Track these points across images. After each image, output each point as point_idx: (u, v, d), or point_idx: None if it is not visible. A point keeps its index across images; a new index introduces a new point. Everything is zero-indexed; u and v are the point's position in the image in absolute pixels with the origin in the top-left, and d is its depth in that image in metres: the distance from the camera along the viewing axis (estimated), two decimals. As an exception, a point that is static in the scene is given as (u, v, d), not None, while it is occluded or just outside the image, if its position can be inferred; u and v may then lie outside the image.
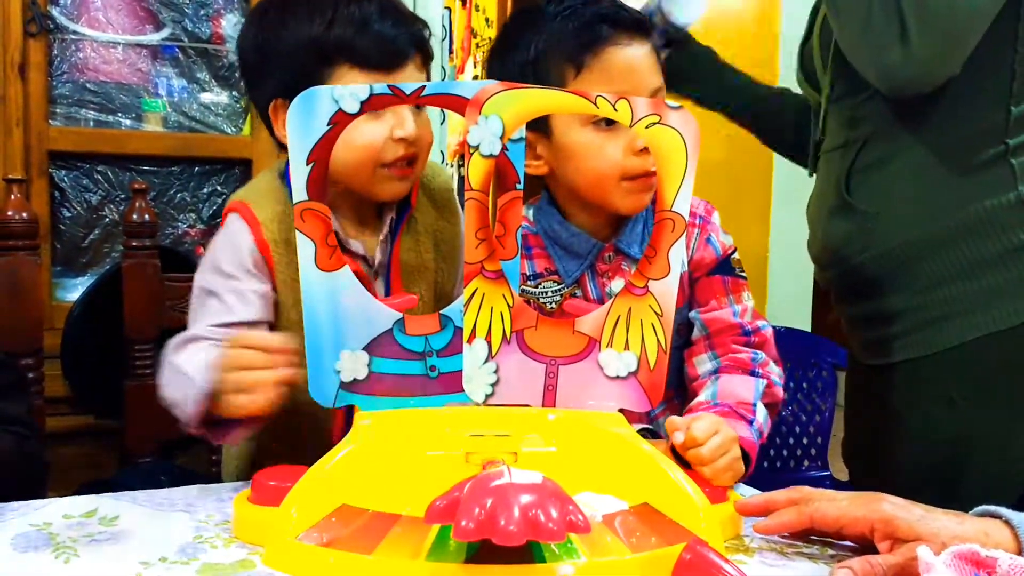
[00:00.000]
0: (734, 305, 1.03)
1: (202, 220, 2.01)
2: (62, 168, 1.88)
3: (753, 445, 0.92)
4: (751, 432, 0.93)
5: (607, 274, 1.04)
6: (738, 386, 0.98)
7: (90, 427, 1.71)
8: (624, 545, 0.69)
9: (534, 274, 1.04)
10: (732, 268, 1.05)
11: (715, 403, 0.96)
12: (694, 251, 1.05)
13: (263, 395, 0.80)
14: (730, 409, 0.95)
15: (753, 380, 1.00)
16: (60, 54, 1.85)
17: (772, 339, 1.04)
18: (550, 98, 0.80)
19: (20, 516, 0.79)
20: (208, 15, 1.97)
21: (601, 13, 1.00)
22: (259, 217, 0.99)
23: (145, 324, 1.26)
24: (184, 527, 0.78)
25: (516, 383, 0.83)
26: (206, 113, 1.98)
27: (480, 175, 0.79)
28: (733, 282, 1.04)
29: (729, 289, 1.04)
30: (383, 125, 0.97)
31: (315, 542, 0.69)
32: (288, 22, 0.98)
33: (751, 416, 0.95)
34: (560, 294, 1.03)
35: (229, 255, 0.99)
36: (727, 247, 1.05)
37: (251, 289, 0.98)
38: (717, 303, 1.04)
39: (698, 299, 1.05)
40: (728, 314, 1.03)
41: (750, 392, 0.98)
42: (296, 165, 0.79)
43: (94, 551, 0.72)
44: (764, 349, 1.03)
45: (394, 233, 1.04)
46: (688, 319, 1.06)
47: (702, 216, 1.06)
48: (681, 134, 0.78)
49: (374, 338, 0.82)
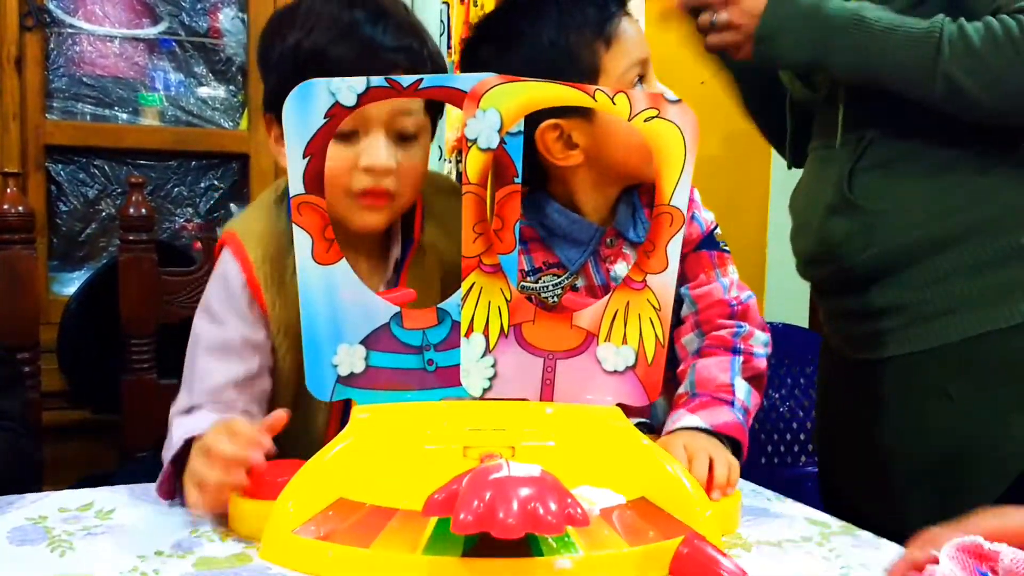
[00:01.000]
0: (721, 279, 1.04)
1: (199, 214, 2.00)
2: (59, 162, 1.87)
3: (739, 427, 0.92)
4: (733, 414, 0.93)
5: (610, 259, 1.04)
6: (713, 369, 0.98)
7: (87, 422, 1.70)
8: (621, 539, 0.70)
9: (533, 269, 1.03)
10: (716, 242, 1.06)
11: (693, 394, 0.96)
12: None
13: (210, 498, 0.76)
14: (709, 398, 0.95)
15: (730, 358, 0.99)
16: (57, 48, 1.84)
17: (755, 307, 1.05)
18: (548, 91, 0.79)
19: (16, 509, 0.79)
20: (205, 9, 1.97)
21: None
22: (251, 256, 0.95)
23: (142, 318, 1.25)
24: (180, 521, 0.78)
25: (514, 377, 0.83)
26: (203, 107, 1.97)
27: (478, 169, 0.79)
28: (719, 256, 1.05)
29: (716, 263, 1.05)
30: (351, 151, 0.92)
31: (312, 535, 0.68)
32: (282, 31, 0.94)
33: (730, 397, 0.95)
34: (561, 287, 1.03)
35: (221, 298, 0.96)
36: (709, 222, 1.06)
37: (241, 338, 0.94)
38: (706, 277, 1.04)
39: (686, 274, 1.05)
40: (718, 289, 1.03)
41: (726, 372, 0.98)
42: (293, 159, 0.78)
43: (90, 544, 0.72)
44: (747, 319, 1.03)
45: (399, 271, 1.00)
46: (679, 295, 1.05)
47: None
48: (680, 128, 0.78)
49: (371, 332, 0.82)
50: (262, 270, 0.95)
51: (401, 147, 0.94)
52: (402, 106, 0.92)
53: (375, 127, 0.92)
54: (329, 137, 0.79)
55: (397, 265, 1.01)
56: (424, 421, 0.80)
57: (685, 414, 0.93)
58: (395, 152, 0.93)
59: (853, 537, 0.81)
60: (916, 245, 1.10)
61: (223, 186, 2.01)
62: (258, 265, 0.95)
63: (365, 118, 0.90)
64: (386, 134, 0.92)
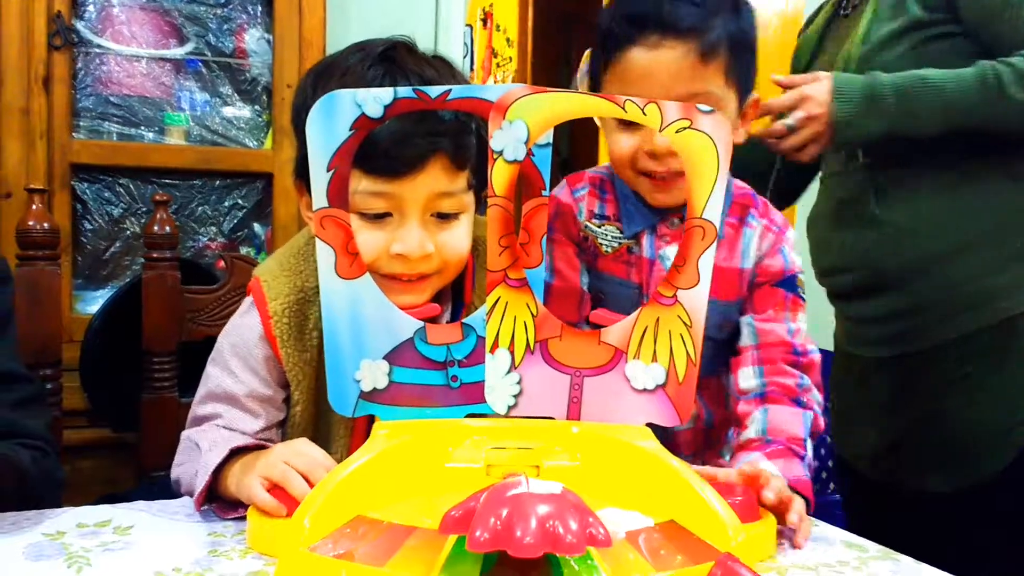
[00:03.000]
0: (789, 322, 1.02)
1: (223, 233, 2.01)
2: (84, 181, 1.88)
3: (808, 485, 0.89)
4: (803, 469, 0.90)
5: (666, 237, 1.03)
6: (787, 420, 0.95)
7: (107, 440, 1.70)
8: (648, 563, 0.67)
9: (602, 215, 1.05)
10: (796, 287, 1.04)
11: (767, 440, 0.94)
12: (764, 254, 1.04)
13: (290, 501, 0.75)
14: (784, 447, 0.92)
15: (801, 412, 0.96)
16: (84, 67, 1.86)
17: (819, 364, 1.02)
18: (576, 102, 0.78)
19: (34, 525, 0.78)
20: (231, 30, 1.98)
21: (630, 14, 0.96)
22: (270, 308, 0.93)
23: (164, 336, 1.25)
24: (199, 537, 0.76)
25: (539, 395, 0.81)
26: (228, 127, 1.98)
27: (504, 181, 0.77)
28: (794, 300, 1.03)
29: (789, 305, 1.03)
30: (382, 234, 0.88)
31: (328, 553, 0.67)
32: (317, 91, 0.87)
33: (803, 452, 0.92)
34: (619, 241, 1.03)
35: (237, 349, 0.94)
36: (796, 266, 1.05)
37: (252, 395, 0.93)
38: (774, 314, 1.02)
39: (755, 305, 1.03)
40: (783, 329, 1.01)
41: (800, 427, 0.94)
42: (316, 172, 0.77)
43: (107, 560, 0.70)
44: (810, 374, 1.00)
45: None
46: (736, 319, 1.04)
47: (779, 226, 1.06)
48: (712, 139, 0.76)
49: (395, 347, 0.80)
50: (280, 323, 0.93)
51: (441, 226, 0.90)
52: (440, 188, 0.88)
53: (410, 211, 0.88)
54: (354, 150, 0.78)
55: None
56: (447, 438, 0.78)
57: (762, 459, 0.90)
58: (433, 233, 0.89)
59: (893, 562, 0.78)
60: (943, 252, 1.21)
61: (247, 205, 2.01)
62: (277, 318, 0.94)
63: (400, 200, 0.87)
64: (422, 216, 0.88)
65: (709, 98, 0.94)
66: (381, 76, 0.88)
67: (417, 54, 0.92)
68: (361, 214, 0.88)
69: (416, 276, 0.89)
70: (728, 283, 1.03)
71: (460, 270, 0.95)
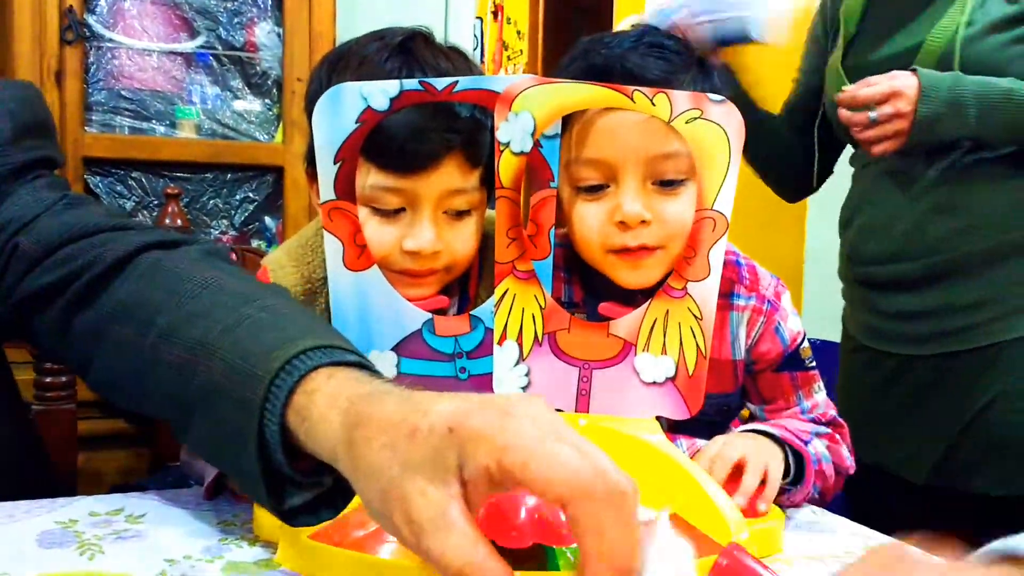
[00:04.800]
0: (803, 402, 0.95)
1: (234, 226, 2.01)
2: (97, 174, 1.89)
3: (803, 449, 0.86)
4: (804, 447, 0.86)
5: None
6: (793, 422, 0.91)
7: (121, 432, 1.71)
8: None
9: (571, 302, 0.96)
10: (801, 361, 0.95)
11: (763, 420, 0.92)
12: (756, 339, 0.94)
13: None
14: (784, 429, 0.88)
15: (812, 424, 0.92)
16: (96, 61, 1.87)
17: (847, 429, 0.96)
18: (583, 93, 0.78)
19: (46, 513, 0.78)
20: (242, 23, 1.99)
21: (592, 65, 0.87)
22: None
23: (175, 327, 1.25)
24: (210, 526, 0.77)
25: (548, 387, 0.81)
26: (239, 120, 1.99)
27: (511, 173, 0.77)
28: (803, 376, 0.95)
29: (798, 385, 0.95)
30: (393, 231, 0.86)
31: (327, 541, 0.67)
32: (331, 78, 0.86)
33: (807, 437, 0.88)
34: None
35: None
36: (795, 335, 0.94)
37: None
38: (785, 403, 0.95)
39: (761, 394, 0.96)
40: (796, 412, 0.94)
41: (806, 431, 0.90)
42: (323, 165, 0.77)
43: (119, 548, 0.71)
44: (844, 438, 0.94)
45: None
46: (737, 404, 0.98)
47: (771, 301, 0.94)
48: (724, 129, 0.75)
49: (403, 339, 0.81)
50: None
51: (452, 223, 0.89)
52: (454, 186, 0.86)
53: (423, 207, 0.86)
54: (360, 142, 0.78)
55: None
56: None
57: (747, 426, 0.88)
58: (444, 230, 0.88)
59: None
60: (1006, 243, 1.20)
61: (258, 198, 2.02)
62: None
63: (413, 196, 0.86)
64: (434, 213, 0.87)
65: (680, 159, 0.83)
66: (398, 69, 0.86)
67: (435, 45, 0.91)
68: (373, 208, 0.88)
69: (426, 271, 0.89)
70: (721, 375, 0.94)
71: (468, 265, 0.95)
